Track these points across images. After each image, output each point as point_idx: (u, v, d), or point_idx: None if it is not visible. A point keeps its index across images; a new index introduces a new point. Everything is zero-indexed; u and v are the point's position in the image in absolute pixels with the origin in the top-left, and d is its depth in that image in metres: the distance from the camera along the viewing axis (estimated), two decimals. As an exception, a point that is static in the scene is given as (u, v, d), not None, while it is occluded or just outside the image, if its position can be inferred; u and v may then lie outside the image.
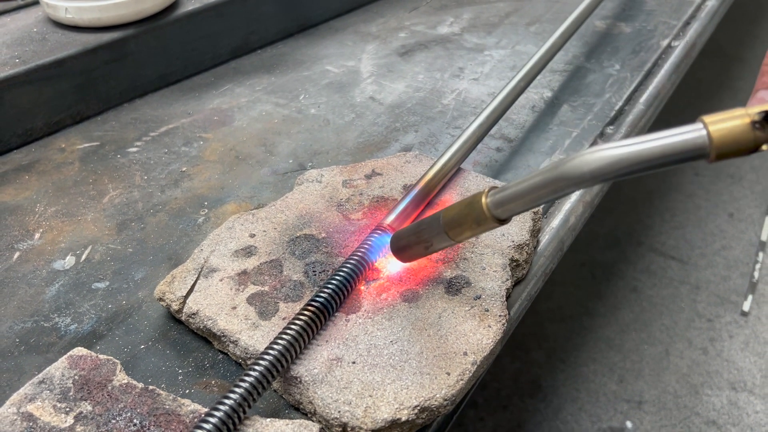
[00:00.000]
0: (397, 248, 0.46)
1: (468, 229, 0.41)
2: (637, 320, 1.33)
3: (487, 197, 0.40)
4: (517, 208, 0.39)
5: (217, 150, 0.69)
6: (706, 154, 0.32)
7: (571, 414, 1.15)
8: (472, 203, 0.40)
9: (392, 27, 0.95)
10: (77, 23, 0.73)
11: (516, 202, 0.38)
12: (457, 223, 0.41)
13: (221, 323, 0.44)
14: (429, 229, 0.43)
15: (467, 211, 0.41)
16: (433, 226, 0.43)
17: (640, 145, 0.33)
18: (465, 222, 0.41)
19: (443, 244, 0.43)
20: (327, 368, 0.41)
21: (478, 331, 0.43)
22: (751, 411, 1.15)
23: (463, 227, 0.41)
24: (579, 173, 0.34)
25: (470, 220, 0.41)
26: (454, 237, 0.42)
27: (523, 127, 0.71)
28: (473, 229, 0.41)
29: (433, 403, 0.39)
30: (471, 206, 0.40)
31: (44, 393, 0.40)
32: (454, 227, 0.42)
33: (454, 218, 0.42)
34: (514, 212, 0.39)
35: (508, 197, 0.39)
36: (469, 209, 0.40)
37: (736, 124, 0.31)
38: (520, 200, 0.38)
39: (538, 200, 0.37)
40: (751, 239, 1.52)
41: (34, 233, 0.58)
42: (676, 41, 0.88)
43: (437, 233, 0.43)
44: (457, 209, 0.41)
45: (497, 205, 0.39)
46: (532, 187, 0.37)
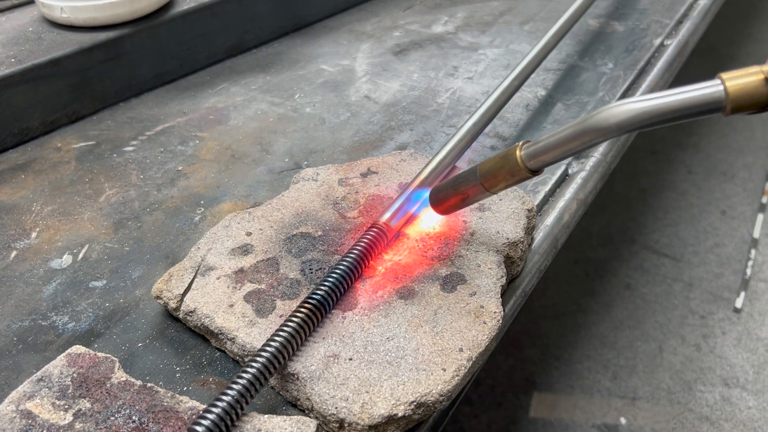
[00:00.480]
0: (436, 200, 0.50)
1: (503, 180, 0.44)
2: (630, 317, 1.34)
3: (521, 150, 0.43)
4: (548, 159, 0.42)
5: (212, 149, 0.69)
6: (722, 107, 0.34)
7: (565, 411, 1.16)
8: (507, 155, 0.43)
9: (387, 26, 0.95)
10: (73, 22, 0.73)
11: (548, 154, 0.41)
12: (492, 175, 0.44)
13: (218, 321, 0.45)
14: (466, 182, 0.47)
15: (502, 163, 0.44)
16: (470, 179, 0.46)
17: (663, 99, 0.36)
18: (500, 173, 0.44)
19: (480, 195, 0.46)
20: (324, 365, 0.41)
21: (473, 328, 0.44)
22: (744, 407, 1.16)
23: (498, 178, 0.44)
24: (606, 125, 0.37)
25: (505, 171, 0.44)
26: (490, 188, 0.45)
27: (517, 126, 0.71)
28: (507, 180, 0.44)
29: (429, 398, 0.39)
30: (506, 158, 0.43)
31: (43, 390, 0.40)
32: (490, 178, 0.45)
33: (489, 170, 0.45)
34: (546, 163, 0.42)
35: (540, 149, 0.42)
36: (504, 161, 0.43)
37: (751, 80, 0.34)
38: (552, 152, 0.41)
39: (568, 151, 0.40)
40: (744, 236, 1.53)
41: (31, 232, 0.58)
42: (669, 40, 0.89)
43: (474, 184, 0.46)
44: (492, 162, 0.44)
45: (530, 156, 0.42)
46: (562, 140, 0.40)
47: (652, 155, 1.80)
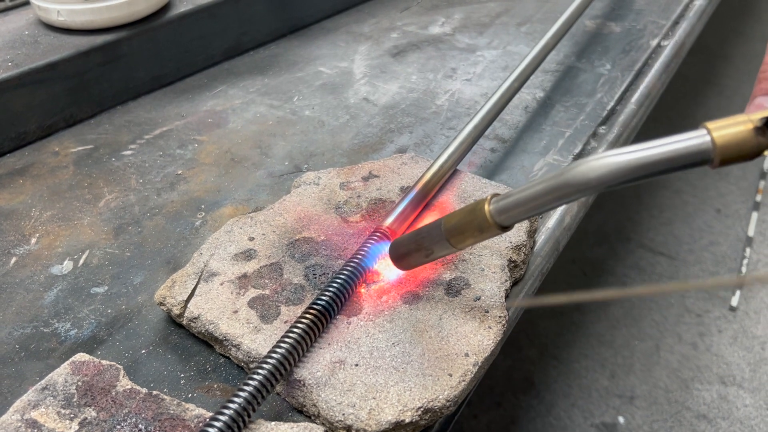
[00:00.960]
0: (397, 256, 0.46)
1: (470, 237, 0.41)
2: (627, 316, 1.34)
3: (490, 204, 0.40)
4: (520, 215, 0.39)
5: (212, 152, 0.69)
6: (709, 160, 0.32)
7: (563, 410, 1.16)
8: (475, 210, 0.41)
9: (384, 27, 0.95)
10: (69, 26, 0.73)
11: (519, 209, 0.38)
12: (459, 231, 0.41)
13: (223, 327, 0.45)
14: (429, 237, 0.43)
15: (469, 218, 0.41)
16: (433, 234, 0.43)
17: (646, 151, 0.33)
18: (467, 229, 0.41)
19: (444, 251, 0.43)
20: (330, 371, 0.41)
21: (478, 333, 0.44)
22: (741, 405, 1.17)
23: (466, 234, 0.41)
24: (585, 179, 0.34)
25: (473, 228, 0.41)
26: (456, 244, 0.42)
27: (516, 128, 0.71)
28: (476, 236, 0.41)
29: (436, 404, 0.39)
30: (473, 213, 0.41)
31: (48, 399, 0.40)
32: (456, 234, 0.42)
33: (456, 226, 0.42)
34: (518, 219, 0.39)
35: (511, 204, 0.39)
36: (472, 216, 0.41)
37: (739, 129, 0.32)
38: (524, 207, 0.38)
39: (542, 207, 0.38)
40: (739, 234, 1.54)
41: (31, 238, 0.57)
42: (666, 41, 0.89)
43: (438, 240, 0.43)
44: (458, 216, 0.42)
45: (500, 212, 0.39)
46: (536, 194, 0.37)
47: (646, 154, 1.81)
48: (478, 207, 0.40)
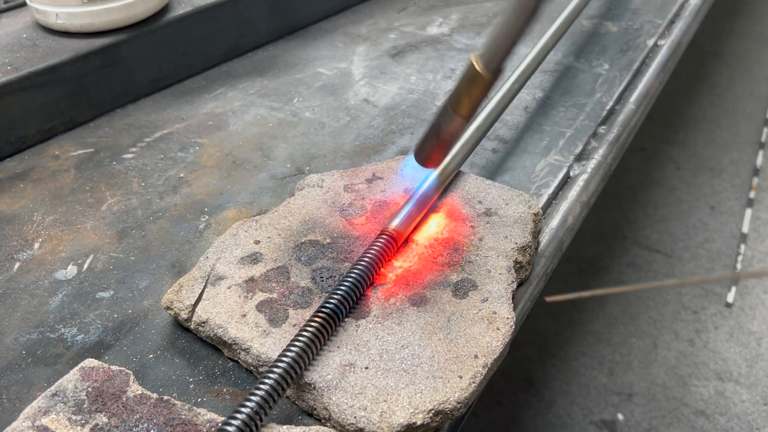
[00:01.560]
0: (424, 157, 0.50)
1: (465, 94, 0.44)
2: (624, 313, 1.35)
3: (475, 56, 0.43)
4: (501, 49, 0.41)
5: (213, 155, 0.69)
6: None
7: (563, 408, 1.16)
8: (465, 69, 0.44)
9: (382, 28, 0.95)
10: (68, 29, 0.73)
11: (497, 43, 0.41)
12: (457, 95, 0.44)
13: (232, 331, 0.45)
14: (443, 121, 0.47)
15: (462, 78, 0.44)
16: (440, 112, 0.47)
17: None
18: (462, 88, 0.44)
19: (450, 123, 0.46)
20: (340, 374, 0.41)
21: (487, 334, 0.44)
22: (738, 400, 1.17)
23: (461, 93, 0.44)
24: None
25: (465, 83, 0.44)
26: (456, 109, 0.45)
27: (517, 128, 0.72)
28: (469, 91, 0.44)
29: (447, 406, 0.40)
30: (465, 72, 0.44)
31: (58, 406, 0.40)
32: (455, 100, 0.45)
33: (454, 92, 0.45)
34: (500, 55, 0.42)
35: (490, 43, 0.42)
36: (463, 74, 0.44)
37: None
38: (500, 38, 0.41)
39: (514, 32, 0.40)
40: (733, 231, 1.55)
41: (34, 243, 0.57)
42: (663, 40, 0.90)
43: (443, 113, 0.46)
44: (456, 87, 0.45)
45: (484, 56, 0.42)
46: (505, 22, 0.41)
47: (640, 152, 1.82)
48: (467, 69, 0.43)
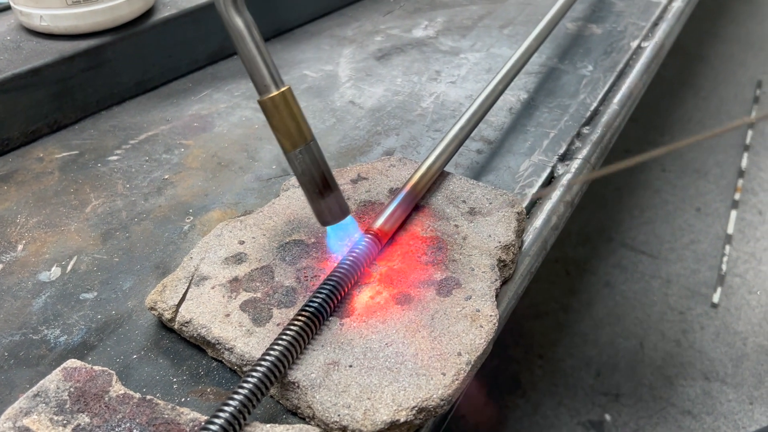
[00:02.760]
0: (321, 218, 0.48)
1: (274, 130, 0.45)
2: (611, 314, 1.36)
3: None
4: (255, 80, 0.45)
5: (198, 157, 0.68)
6: None
7: (550, 409, 1.17)
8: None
9: (368, 31, 0.96)
10: (52, 31, 0.72)
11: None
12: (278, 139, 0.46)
13: (215, 331, 0.45)
14: (298, 177, 0.46)
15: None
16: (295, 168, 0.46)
17: None
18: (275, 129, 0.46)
19: (294, 164, 0.46)
20: (324, 372, 0.41)
21: (470, 332, 0.44)
22: (724, 400, 1.18)
23: (276, 134, 0.45)
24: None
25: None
26: (285, 149, 0.45)
27: (501, 129, 0.72)
28: (270, 123, 0.45)
29: (431, 403, 0.40)
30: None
31: (40, 406, 0.39)
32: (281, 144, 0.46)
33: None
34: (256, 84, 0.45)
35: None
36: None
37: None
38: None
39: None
40: (718, 233, 1.57)
41: (17, 245, 0.57)
42: (646, 42, 0.90)
43: (292, 165, 0.46)
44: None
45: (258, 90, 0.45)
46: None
47: (625, 154, 1.83)
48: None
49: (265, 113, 0.45)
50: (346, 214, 0.48)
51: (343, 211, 0.47)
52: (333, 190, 0.46)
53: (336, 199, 0.47)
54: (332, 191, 0.46)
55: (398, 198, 0.53)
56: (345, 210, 0.48)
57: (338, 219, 0.47)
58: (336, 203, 0.47)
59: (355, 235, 0.50)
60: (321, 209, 0.46)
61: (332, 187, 0.46)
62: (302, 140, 0.45)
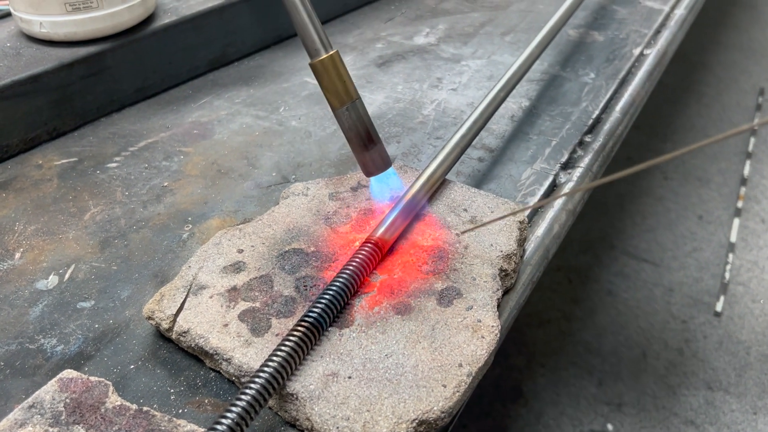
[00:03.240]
0: (364, 168, 0.53)
1: (323, 90, 0.50)
2: (613, 323, 1.35)
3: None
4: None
5: (198, 164, 0.68)
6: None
7: (552, 418, 1.16)
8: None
9: (369, 38, 0.95)
10: (52, 38, 0.72)
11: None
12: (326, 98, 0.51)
13: (213, 341, 0.44)
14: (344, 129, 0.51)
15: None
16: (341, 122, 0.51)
17: None
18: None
19: (342, 120, 0.50)
20: (323, 384, 0.41)
21: (471, 342, 0.43)
22: (728, 410, 1.17)
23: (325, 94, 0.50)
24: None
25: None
26: (333, 106, 0.50)
27: (503, 137, 0.72)
28: (321, 84, 0.50)
29: (431, 416, 0.39)
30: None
31: (35, 418, 0.39)
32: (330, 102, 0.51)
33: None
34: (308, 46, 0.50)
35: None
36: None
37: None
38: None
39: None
40: (721, 241, 1.56)
41: (15, 252, 0.56)
42: (648, 49, 0.90)
43: (339, 121, 0.51)
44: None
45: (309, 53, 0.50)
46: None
47: (627, 161, 1.82)
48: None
49: (316, 74, 0.49)
50: (388, 165, 0.53)
51: (386, 163, 0.52)
52: (377, 144, 0.51)
53: (379, 152, 0.51)
54: (376, 144, 0.51)
55: (399, 206, 0.52)
56: (387, 162, 0.52)
57: (381, 170, 0.52)
58: (379, 156, 0.51)
59: (396, 187, 0.54)
60: (366, 161, 0.51)
61: (376, 141, 0.51)
62: (349, 98, 0.50)
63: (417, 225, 0.53)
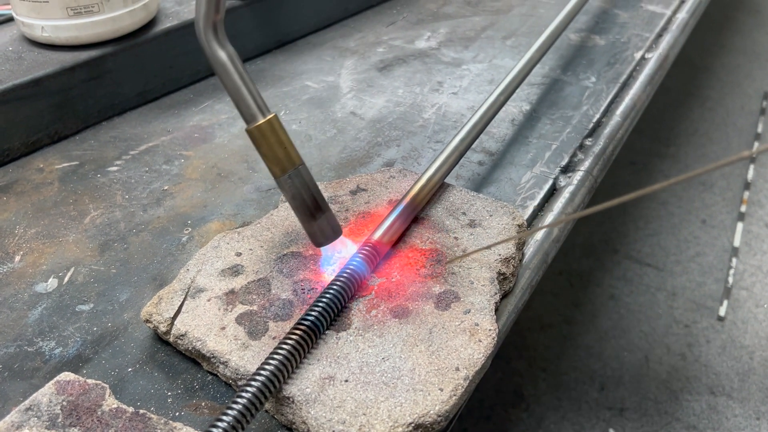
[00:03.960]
0: (315, 240, 0.49)
1: (263, 157, 0.46)
2: (615, 327, 1.35)
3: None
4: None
5: (198, 167, 0.68)
6: None
7: (554, 423, 1.16)
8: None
9: (370, 42, 0.95)
10: (54, 42, 0.72)
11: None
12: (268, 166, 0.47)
13: (210, 344, 0.44)
14: (291, 203, 0.48)
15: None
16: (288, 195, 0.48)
17: None
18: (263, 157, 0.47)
19: (284, 188, 0.47)
20: (319, 387, 0.41)
21: (469, 346, 0.43)
22: (730, 415, 1.17)
23: (265, 161, 0.47)
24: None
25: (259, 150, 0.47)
26: (274, 174, 0.47)
27: (503, 141, 0.72)
28: (259, 150, 0.46)
29: (427, 419, 0.39)
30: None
31: (32, 420, 0.39)
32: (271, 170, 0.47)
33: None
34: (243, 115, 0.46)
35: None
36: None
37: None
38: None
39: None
40: (724, 245, 1.55)
41: (15, 256, 0.57)
42: (650, 53, 0.90)
43: (282, 189, 0.47)
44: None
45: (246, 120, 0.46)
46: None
47: (631, 166, 1.82)
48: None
49: (254, 141, 0.46)
50: (338, 234, 0.49)
51: (335, 232, 0.48)
52: (324, 211, 0.47)
53: (327, 221, 0.48)
54: (323, 212, 0.47)
55: (397, 209, 0.52)
56: (337, 231, 0.49)
57: (330, 240, 0.48)
58: (327, 225, 0.48)
59: (347, 255, 0.50)
60: (314, 231, 0.47)
61: (323, 209, 0.47)
62: (291, 165, 0.46)
63: (415, 228, 0.53)
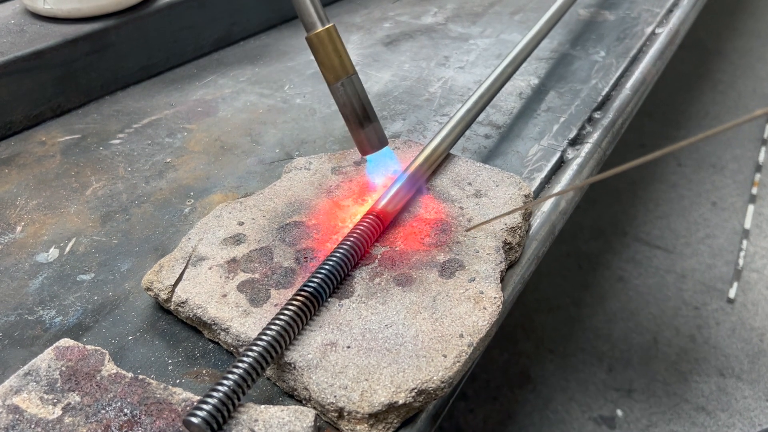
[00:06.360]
0: (361, 147, 0.52)
1: (319, 65, 0.49)
2: (624, 309, 1.34)
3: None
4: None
5: (201, 140, 0.68)
6: None
7: (561, 404, 1.15)
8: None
9: (376, 17, 0.94)
10: (56, 14, 0.72)
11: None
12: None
13: (211, 311, 0.44)
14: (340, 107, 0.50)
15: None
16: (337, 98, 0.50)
17: None
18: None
19: (336, 96, 0.49)
20: (321, 353, 0.40)
21: (473, 314, 0.43)
22: (740, 396, 1.16)
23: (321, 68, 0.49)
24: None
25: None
26: (328, 82, 0.49)
27: (511, 114, 0.70)
28: (316, 58, 0.49)
29: (431, 385, 0.38)
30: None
31: (30, 385, 0.38)
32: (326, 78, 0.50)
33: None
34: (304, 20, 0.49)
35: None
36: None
37: None
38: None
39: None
40: (735, 227, 1.54)
41: (16, 226, 0.56)
42: (660, 28, 0.88)
43: (335, 96, 0.50)
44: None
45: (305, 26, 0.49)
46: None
47: (640, 148, 1.80)
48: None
49: (312, 48, 0.48)
50: (384, 144, 0.51)
51: (381, 141, 0.51)
52: (372, 121, 0.50)
53: (375, 130, 0.50)
54: (371, 122, 0.50)
55: (401, 179, 0.51)
56: (383, 140, 0.51)
57: (377, 148, 0.51)
58: (375, 134, 0.50)
59: (393, 167, 0.52)
60: (361, 138, 0.50)
61: (372, 119, 0.50)
62: (344, 73, 0.49)
63: (420, 198, 0.52)
